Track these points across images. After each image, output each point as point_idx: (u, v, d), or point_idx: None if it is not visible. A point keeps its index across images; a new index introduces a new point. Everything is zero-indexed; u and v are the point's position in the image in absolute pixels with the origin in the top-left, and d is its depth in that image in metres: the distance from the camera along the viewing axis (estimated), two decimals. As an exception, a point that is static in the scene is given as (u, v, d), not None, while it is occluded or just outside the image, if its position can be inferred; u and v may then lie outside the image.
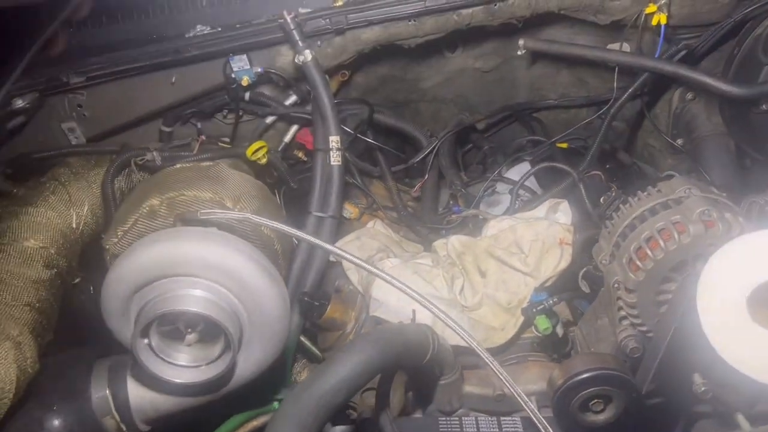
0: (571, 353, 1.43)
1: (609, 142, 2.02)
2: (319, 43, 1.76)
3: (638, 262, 1.16)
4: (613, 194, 1.54)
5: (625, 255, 1.19)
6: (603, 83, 2.02)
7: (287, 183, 1.82)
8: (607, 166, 1.83)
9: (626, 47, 1.83)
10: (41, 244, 1.57)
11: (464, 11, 1.70)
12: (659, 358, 1.14)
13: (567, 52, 1.81)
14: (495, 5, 1.70)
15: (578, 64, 2.02)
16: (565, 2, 1.69)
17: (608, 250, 1.26)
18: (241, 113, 1.91)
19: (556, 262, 1.52)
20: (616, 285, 1.22)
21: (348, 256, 1.31)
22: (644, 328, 1.23)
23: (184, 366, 1.29)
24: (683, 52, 1.69)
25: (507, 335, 1.51)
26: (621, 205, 1.27)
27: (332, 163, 1.69)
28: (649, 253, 1.15)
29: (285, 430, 0.88)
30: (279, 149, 1.95)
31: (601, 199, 1.58)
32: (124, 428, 1.31)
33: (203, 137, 1.86)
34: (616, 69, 1.79)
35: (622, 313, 1.24)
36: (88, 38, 1.80)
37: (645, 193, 1.25)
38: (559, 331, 1.45)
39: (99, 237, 1.60)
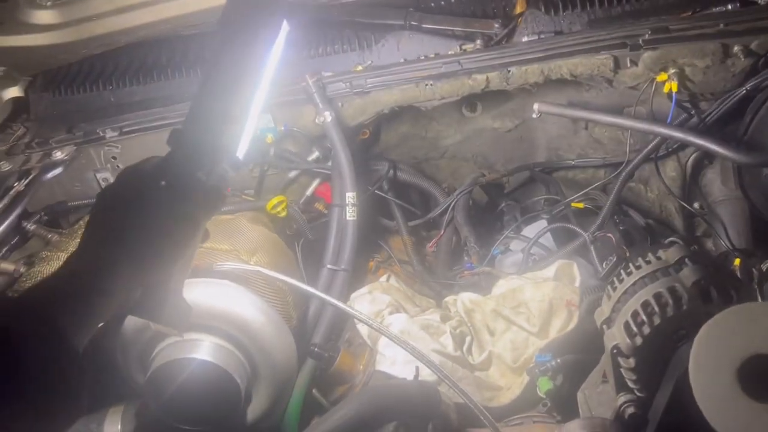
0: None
1: (625, 203, 2.03)
2: (340, 104, 1.85)
3: (635, 328, 1.17)
4: (615, 259, 1.55)
5: (623, 320, 1.21)
6: (619, 145, 2.05)
7: (305, 235, 1.88)
8: (621, 227, 1.84)
9: (641, 110, 1.87)
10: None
11: (478, 76, 1.77)
12: (656, 426, 1.15)
13: (580, 116, 1.85)
14: (509, 71, 1.76)
15: (595, 126, 2.06)
16: (576, 70, 1.74)
17: (608, 314, 1.27)
18: (266, 167, 2.00)
19: (562, 323, 1.54)
20: (614, 350, 1.22)
21: (355, 312, 1.36)
22: (643, 394, 1.23)
23: (193, 413, 1.34)
24: (695, 119, 1.72)
25: (513, 395, 1.52)
26: (622, 271, 1.28)
27: (348, 218, 1.76)
28: (645, 318, 1.16)
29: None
30: (301, 202, 2.03)
31: (604, 264, 1.60)
32: (133, 471, 1.36)
33: (229, 189, 1.95)
34: (629, 133, 1.83)
35: (622, 378, 1.25)
36: (125, 96, 1.93)
37: (645, 260, 1.27)
38: (564, 392, 1.45)
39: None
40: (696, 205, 1.95)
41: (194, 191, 0.87)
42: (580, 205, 2.04)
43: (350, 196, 1.77)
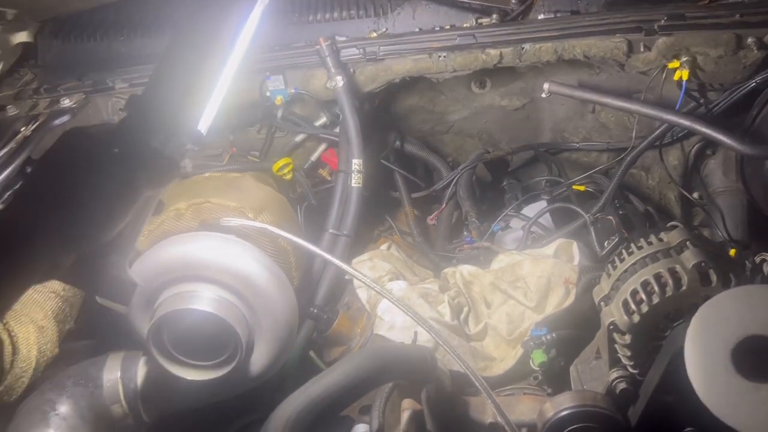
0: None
1: (625, 188, 2.05)
2: (352, 69, 1.84)
3: (633, 306, 1.20)
4: (617, 239, 1.57)
5: (622, 297, 1.23)
6: (624, 131, 2.06)
7: (308, 199, 1.89)
8: (621, 212, 1.86)
9: (649, 97, 1.88)
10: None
11: (492, 51, 1.77)
12: (646, 401, 1.18)
13: (589, 99, 1.86)
14: (523, 48, 1.77)
15: (602, 110, 2.07)
16: (590, 51, 1.74)
17: (607, 291, 1.30)
18: (273, 129, 2.00)
19: (559, 299, 1.56)
20: (611, 326, 1.25)
21: (358, 274, 1.38)
22: (636, 371, 1.26)
23: (194, 363, 1.36)
24: (702, 108, 1.73)
25: (506, 366, 1.55)
26: (623, 250, 1.30)
27: (353, 184, 1.77)
28: (644, 297, 1.19)
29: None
30: (305, 167, 2.03)
31: (605, 243, 1.62)
32: (131, 417, 1.38)
33: (234, 149, 1.96)
34: (636, 118, 1.84)
35: (616, 354, 1.28)
36: (136, 48, 1.92)
37: (647, 241, 1.29)
38: (557, 366, 1.48)
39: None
40: (695, 194, 1.98)
41: (144, 159, 0.81)
42: (582, 188, 2.07)
43: (356, 163, 1.77)
